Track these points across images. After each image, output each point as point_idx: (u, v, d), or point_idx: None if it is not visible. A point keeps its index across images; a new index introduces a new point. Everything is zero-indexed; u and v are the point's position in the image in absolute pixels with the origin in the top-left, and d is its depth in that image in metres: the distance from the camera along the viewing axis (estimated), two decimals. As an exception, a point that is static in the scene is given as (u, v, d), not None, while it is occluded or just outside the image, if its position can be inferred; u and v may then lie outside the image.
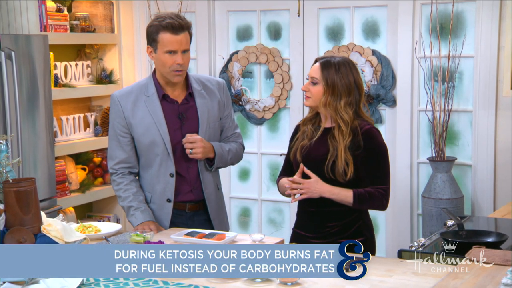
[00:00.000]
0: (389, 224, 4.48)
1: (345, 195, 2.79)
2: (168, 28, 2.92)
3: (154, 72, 3.09)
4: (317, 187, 2.79)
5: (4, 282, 2.16)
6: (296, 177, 2.83)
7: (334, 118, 2.83)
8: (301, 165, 2.84)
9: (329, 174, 2.81)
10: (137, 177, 3.18)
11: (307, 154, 2.88)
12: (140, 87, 3.09)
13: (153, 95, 3.05)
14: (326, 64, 2.83)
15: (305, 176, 2.84)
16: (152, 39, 2.98)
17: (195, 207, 3.12)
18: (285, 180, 2.89)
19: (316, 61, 2.90)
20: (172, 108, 3.06)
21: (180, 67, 2.96)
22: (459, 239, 2.72)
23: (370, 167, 2.82)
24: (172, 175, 3.06)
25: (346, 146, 2.78)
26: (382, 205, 2.84)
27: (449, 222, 3.08)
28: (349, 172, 2.78)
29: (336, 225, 2.86)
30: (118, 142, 3.09)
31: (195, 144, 3.00)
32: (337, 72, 2.80)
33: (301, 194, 2.83)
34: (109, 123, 3.13)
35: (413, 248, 2.73)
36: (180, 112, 3.07)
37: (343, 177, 2.79)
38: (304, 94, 2.91)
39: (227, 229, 3.24)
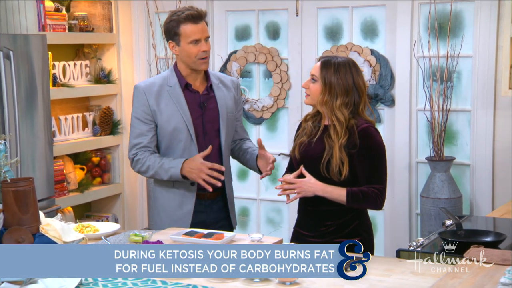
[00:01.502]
0: (387, 223, 4.48)
1: (338, 193, 2.79)
2: (188, 19, 3.05)
3: (175, 65, 3.20)
4: (309, 185, 2.80)
5: (2, 282, 2.16)
6: (288, 176, 2.85)
7: (330, 117, 2.84)
8: (301, 167, 2.85)
9: (324, 172, 2.82)
10: None
11: (305, 151, 2.89)
12: (162, 79, 3.20)
13: (176, 85, 3.16)
14: (326, 63, 2.85)
15: (302, 176, 2.85)
16: (173, 34, 3.09)
17: (213, 195, 3.20)
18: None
19: (320, 59, 2.92)
20: (193, 97, 3.17)
21: (205, 53, 3.09)
22: (458, 238, 2.72)
23: (365, 166, 2.81)
24: None
25: (342, 145, 2.78)
26: (376, 204, 2.82)
27: (448, 222, 3.08)
28: (344, 171, 2.78)
29: (333, 224, 2.86)
30: (140, 130, 3.16)
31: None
32: (335, 72, 2.82)
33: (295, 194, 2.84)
34: (132, 113, 3.20)
35: (411, 248, 2.73)
36: (202, 101, 3.17)
37: (338, 176, 2.80)
38: (305, 91, 2.93)
39: (235, 223, 3.33)
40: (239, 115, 3.34)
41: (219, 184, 3.03)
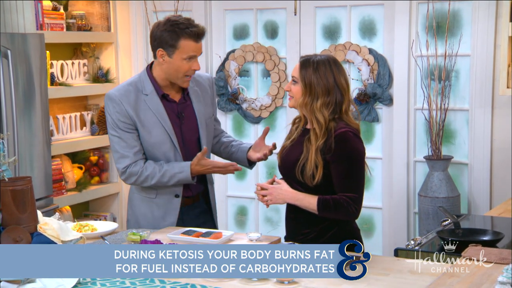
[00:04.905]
0: (385, 222, 4.48)
1: (309, 201, 2.69)
2: (193, 36, 2.93)
3: (147, 69, 3.07)
4: (280, 192, 2.74)
5: (0, 281, 2.15)
6: (262, 182, 2.83)
7: (310, 119, 2.74)
8: (274, 176, 2.84)
9: (299, 176, 2.72)
10: None
11: (285, 155, 2.82)
12: (135, 86, 3.05)
13: (152, 93, 3.03)
14: (305, 63, 2.73)
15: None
16: (169, 45, 2.93)
17: (189, 201, 3.14)
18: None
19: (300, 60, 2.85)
20: (171, 107, 3.07)
21: (193, 72, 3.00)
22: (456, 237, 2.72)
23: (339, 173, 2.67)
24: None
25: (318, 149, 2.67)
26: (349, 214, 2.67)
27: (446, 221, 3.09)
28: (317, 175, 2.66)
29: (311, 232, 2.76)
30: (125, 141, 3.01)
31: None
32: (314, 72, 2.69)
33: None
34: (110, 124, 3.03)
35: (409, 247, 2.73)
36: (179, 111, 3.08)
37: (311, 181, 2.69)
38: (288, 94, 2.84)
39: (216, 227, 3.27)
40: (215, 112, 3.25)
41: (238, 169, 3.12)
